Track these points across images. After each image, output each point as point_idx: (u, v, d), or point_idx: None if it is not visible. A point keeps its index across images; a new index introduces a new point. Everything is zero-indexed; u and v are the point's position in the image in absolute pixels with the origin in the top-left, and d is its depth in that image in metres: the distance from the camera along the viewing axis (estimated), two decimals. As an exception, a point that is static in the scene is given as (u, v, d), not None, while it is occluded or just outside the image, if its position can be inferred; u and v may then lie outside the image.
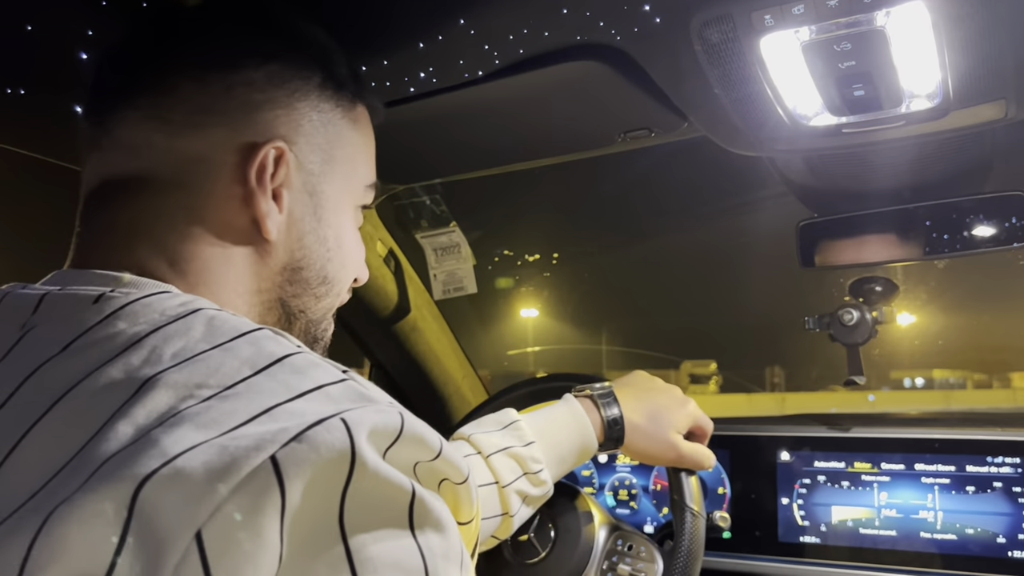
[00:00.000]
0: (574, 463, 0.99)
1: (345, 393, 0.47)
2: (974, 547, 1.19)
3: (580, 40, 0.82)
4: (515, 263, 2.67)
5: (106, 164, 0.62)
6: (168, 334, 0.49)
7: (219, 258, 0.61)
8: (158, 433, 0.42)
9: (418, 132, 1.06)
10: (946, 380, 6.54)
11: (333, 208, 0.68)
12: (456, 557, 0.47)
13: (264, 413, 0.43)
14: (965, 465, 1.23)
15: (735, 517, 1.30)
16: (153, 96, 0.61)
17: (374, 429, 0.44)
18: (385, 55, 0.85)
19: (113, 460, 0.41)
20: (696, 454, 1.02)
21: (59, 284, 0.56)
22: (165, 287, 0.56)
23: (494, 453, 0.93)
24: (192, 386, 0.45)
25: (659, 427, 1.00)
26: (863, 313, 1.20)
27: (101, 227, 0.61)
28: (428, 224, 1.47)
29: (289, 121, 0.63)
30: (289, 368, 0.48)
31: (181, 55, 0.62)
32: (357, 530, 0.42)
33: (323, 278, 0.68)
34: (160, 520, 0.39)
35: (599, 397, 1.00)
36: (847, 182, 1.16)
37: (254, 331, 0.51)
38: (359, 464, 0.42)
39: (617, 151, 1.12)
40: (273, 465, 0.40)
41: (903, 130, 0.90)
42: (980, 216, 1.10)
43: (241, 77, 0.62)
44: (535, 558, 1.06)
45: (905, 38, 0.75)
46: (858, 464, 1.29)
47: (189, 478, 0.40)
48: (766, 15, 0.74)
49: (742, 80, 0.84)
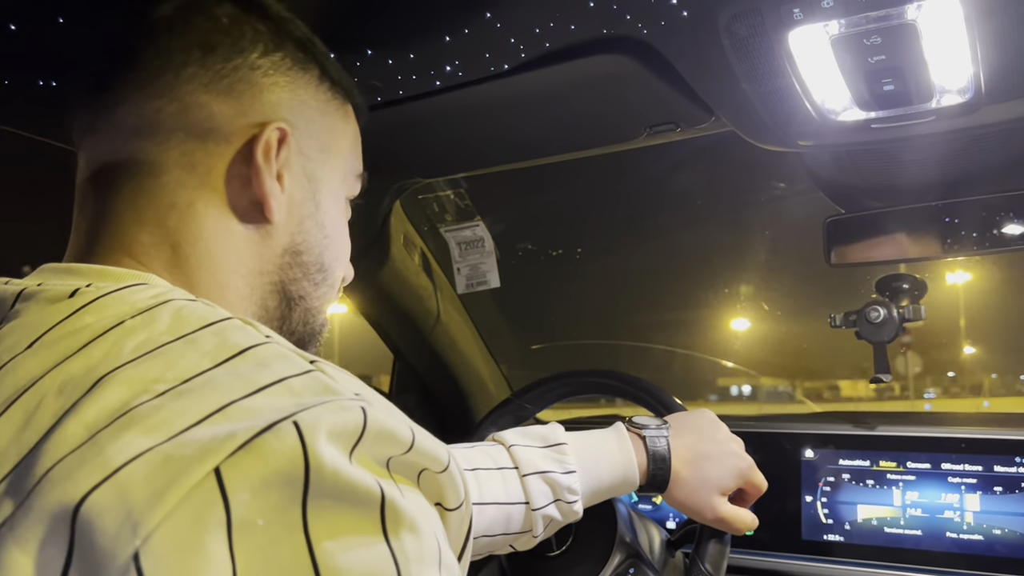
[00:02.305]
0: (609, 496, 0.94)
1: (308, 386, 0.45)
2: (1001, 548, 1.18)
3: (606, 34, 0.82)
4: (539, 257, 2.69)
5: (107, 147, 0.61)
6: (132, 327, 0.48)
7: (221, 239, 0.61)
8: (104, 437, 0.41)
9: (444, 126, 1.07)
10: (775, 388, 6.36)
11: (328, 196, 0.68)
12: (432, 558, 0.44)
13: (217, 412, 0.42)
14: (993, 465, 1.21)
15: (758, 514, 1.29)
16: (158, 76, 0.60)
17: (333, 429, 0.42)
18: (411, 48, 0.85)
19: (57, 469, 0.40)
20: (735, 520, 0.95)
21: (41, 279, 0.55)
22: (144, 278, 0.55)
23: (531, 474, 0.88)
24: (148, 381, 0.44)
25: (704, 483, 0.94)
26: (890, 311, 1.19)
27: (102, 212, 0.60)
28: (452, 218, 1.47)
29: (291, 106, 0.64)
30: (252, 360, 0.46)
31: (186, 37, 0.61)
32: (323, 538, 0.40)
33: (320, 264, 0.68)
34: (99, 540, 0.37)
35: (651, 439, 0.93)
36: (875, 178, 1.14)
37: (221, 321, 0.49)
38: (315, 469, 0.40)
39: (643, 145, 1.12)
40: (217, 477, 0.39)
41: (933, 125, 0.89)
42: (1011, 214, 1.08)
43: (246, 60, 0.62)
44: (554, 552, 1.06)
45: (936, 32, 0.74)
46: (883, 463, 1.28)
47: (129, 494, 0.38)
48: (795, 8, 0.73)
49: (770, 74, 0.83)
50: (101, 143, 0.61)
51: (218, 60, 0.61)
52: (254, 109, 0.62)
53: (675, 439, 0.94)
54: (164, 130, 0.60)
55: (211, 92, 0.60)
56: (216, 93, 0.61)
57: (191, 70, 0.60)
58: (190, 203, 0.60)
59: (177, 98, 0.60)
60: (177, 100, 0.60)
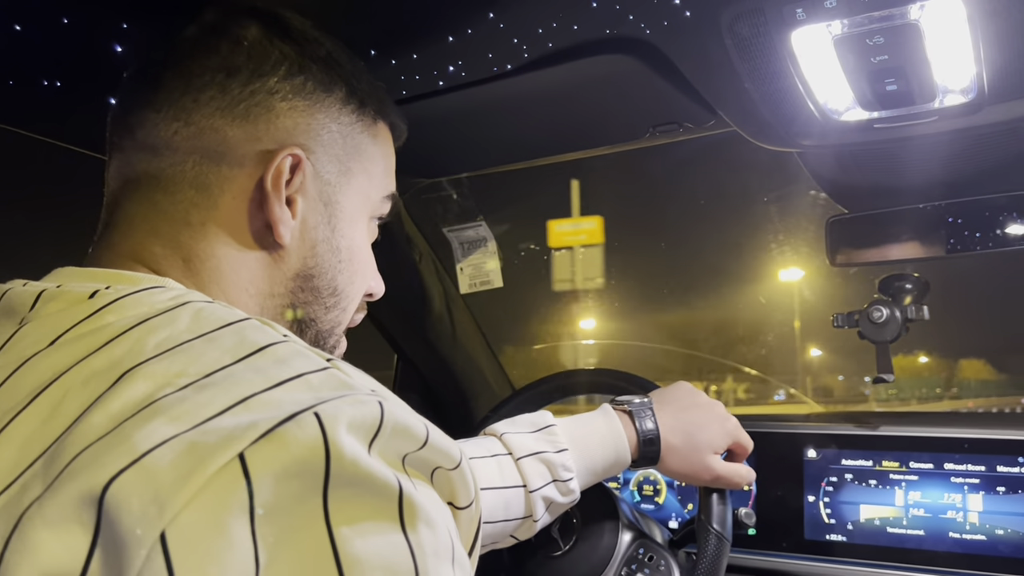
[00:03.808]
0: (604, 476, 0.97)
1: (326, 381, 0.46)
2: (1004, 548, 1.18)
3: (609, 34, 0.82)
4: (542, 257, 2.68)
5: (128, 165, 0.63)
6: (154, 326, 0.49)
7: (233, 259, 0.62)
8: (130, 426, 0.42)
9: (446, 126, 1.07)
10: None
11: (348, 220, 0.68)
12: (447, 553, 0.46)
13: (239, 403, 0.43)
14: (996, 465, 1.21)
15: (760, 514, 1.29)
16: (176, 99, 0.62)
17: (352, 421, 0.43)
18: (414, 49, 0.86)
19: (84, 456, 0.41)
20: (732, 475, 0.99)
21: (59, 281, 0.56)
22: (161, 282, 0.57)
23: (525, 456, 0.91)
24: (171, 375, 0.45)
25: (696, 448, 0.97)
26: (892, 311, 1.19)
27: (119, 225, 0.62)
28: (455, 218, 1.47)
29: (308, 130, 0.64)
30: (271, 357, 0.47)
31: (208, 60, 0.62)
32: (343, 526, 0.41)
33: (333, 288, 0.68)
34: (126, 520, 0.38)
35: (637, 413, 0.97)
36: (878, 178, 1.14)
37: (240, 321, 0.51)
38: (335, 458, 0.41)
39: (646, 145, 1.12)
40: (241, 463, 0.40)
41: (936, 125, 0.89)
42: (1014, 214, 1.08)
43: (265, 85, 0.63)
44: (557, 552, 1.06)
45: (939, 32, 0.74)
46: (886, 463, 1.28)
47: (155, 478, 0.39)
48: (798, 8, 0.73)
49: (773, 74, 0.83)
50: (125, 161, 0.63)
51: (236, 85, 0.62)
52: (268, 135, 0.62)
53: (660, 411, 0.98)
54: (180, 152, 0.61)
55: (227, 117, 0.62)
56: (232, 118, 0.62)
57: (209, 94, 0.61)
58: (203, 222, 0.61)
59: (193, 122, 0.61)
60: (193, 124, 0.61)
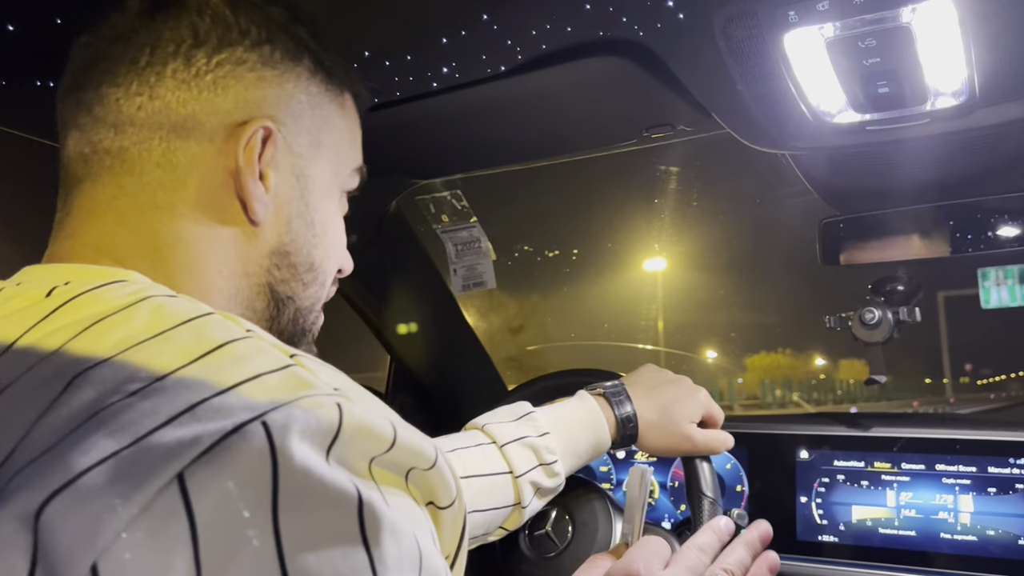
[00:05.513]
0: (587, 459, 0.99)
1: (284, 382, 0.43)
2: (995, 549, 1.18)
3: (603, 36, 0.82)
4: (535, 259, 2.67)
5: (87, 144, 0.59)
6: (109, 325, 0.47)
7: (204, 240, 0.59)
8: (70, 441, 0.39)
9: (441, 127, 1.07)
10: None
11: (320, 193, 0.66)
12: (412, 564, 0.43)
13: (186, 411, 0.40)
14: (987, 466, 1.21)
15: (753, 515, 1.29)
16: (139, 72, 0.58)
17: (306, 428, 0.40)
18: (408, 50, 0.86)
19: (22, 474, 0.39)
20: (712, 440, 1.02)
21: (21, 279, 0.54)
22: (124, 275, 0.54)
23: (508, 443, 0.93)
24: (120, 381, 0.42)
25: (672, 420, 1.00)
26: (885, 312, 1.20)
27: (79, 212, 0.59)
28: (449, 219, 1.47)
29: (278, 101, 0.61)
30: (229, 355, 0.44)
31: (170, 31, 0.59)
32: (297, 547, 0.38)
33: (310, 264, 0.66)
34: (61, 546, 0.36)
35: (611, 395, 1.00)
36: (870, 180, 1.15)
37: (200, 317, 0.48)
38: (284, 471, 0.38)
39: (640, 148, 1.12)
40: (180, 485, 0.37)
41: (928, 128, 0.90)
42: (1005, 216, 1.09)
43: (233, 55, 0.60)
44: (553, 552, 1.07)
45: (931, 35, 0.74)
46: (878, 464, 1.28)
47: (90, 501, 0.36)
48: (790, 11, 0.73)
49: (765, 77, 0.84)
50: (83, 139, 0.59)
51: (202, 55, 0.59)
52: (238, 107, 0.59)
53: (632, 391, 1.01)
54: (145, 128, 0.58)
55: (193, 89, 0.58)
56: (199, 90, 0.58)
57: (173, 66, 0.58)
58: (171, 203, 0.58)
59: (158, 96, 0.58)
60: (158, 98, 0.58)
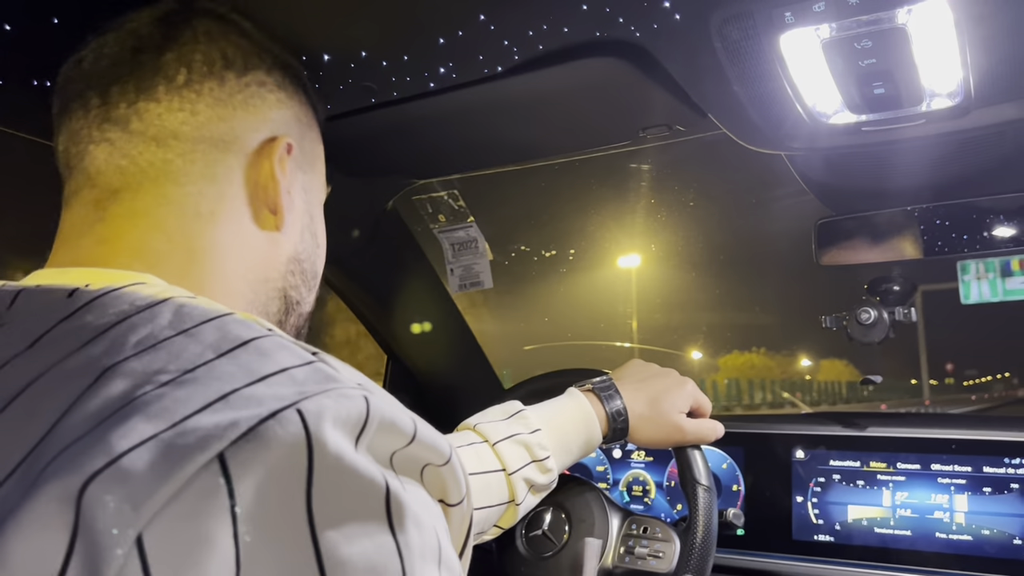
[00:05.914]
0: (579, 454, 1.01)
1: (311, 376, 0.45)
2: (990, 548, 1.19)
3: (599, 36, 0.82)
4: (532, 258, 2.68)
5: (123, 156, 0.62)
6: (134, 323, 0.48)
7: (237, 246, 0.64)
8: (107, 426, 0.41)
9: (437, 127, 1.07)
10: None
11: (317, 206, 0.73)
12: (433, 554, 0.45)
13: (220, 400, 0.42)
14: (982, 466, 1.22)
15: (749, 515, 1.30)
16: (178, 91, 0.62)
17: (337, 417, 0.42)
18: (404, 50, 0.86)
19: (61, 458, 0.40)
20: (702, 429, 1.06)
21: (39, 280, 0.55)
22: (143, 278, 0.56)
23: (501, 441, 0.95)
24: (151, 373, 0.44)
25: (661, 412, 1.03)
26: (880, 312, 1.20)
27: (117, 217, 0.61)
28: (446, 219, 1.47)
29: (290, 122, 0.69)
30: (254, 351, 0.46)
31: (203, 54, 0.64)
32: (327, 528, 0.40)
33: (315, 272, 0.73)
34: (102, 520, 0.37)
35: (601, 390, 1.02)
36: (866, 180, 1.15)
37: (222, 316, 0.50)
38: (319, 455, 0.40)
39: (636, 148, 1.12)
40: (220, 464, 0.39)
41: (923, 128, 0.90)
42: (1001, 216, 1.09)
43: (256, 77, 0.66)
44: (550, 552, 1.07)
45: (926, 36, 0.75)
46: (874, 463, 1.29)
47: (132, 479, 0.38)
48: (786, 12, 0.73)
49: (761, 77, 0.84)
50: (116, 153, 0.62)
51: (233, 75, 0.65)
52: (266, 124, 0.66)
53: (621, 386, 1.04)
54: (189, 141, 0.62)
55: (228, 107, 0.64)
56: (233, 108, 0.64)
57: (209, 84, 0.63)
58: (212, 212, 0.63)
59: (199, 112, 0.63)
60: (200, 114, 0.63)
